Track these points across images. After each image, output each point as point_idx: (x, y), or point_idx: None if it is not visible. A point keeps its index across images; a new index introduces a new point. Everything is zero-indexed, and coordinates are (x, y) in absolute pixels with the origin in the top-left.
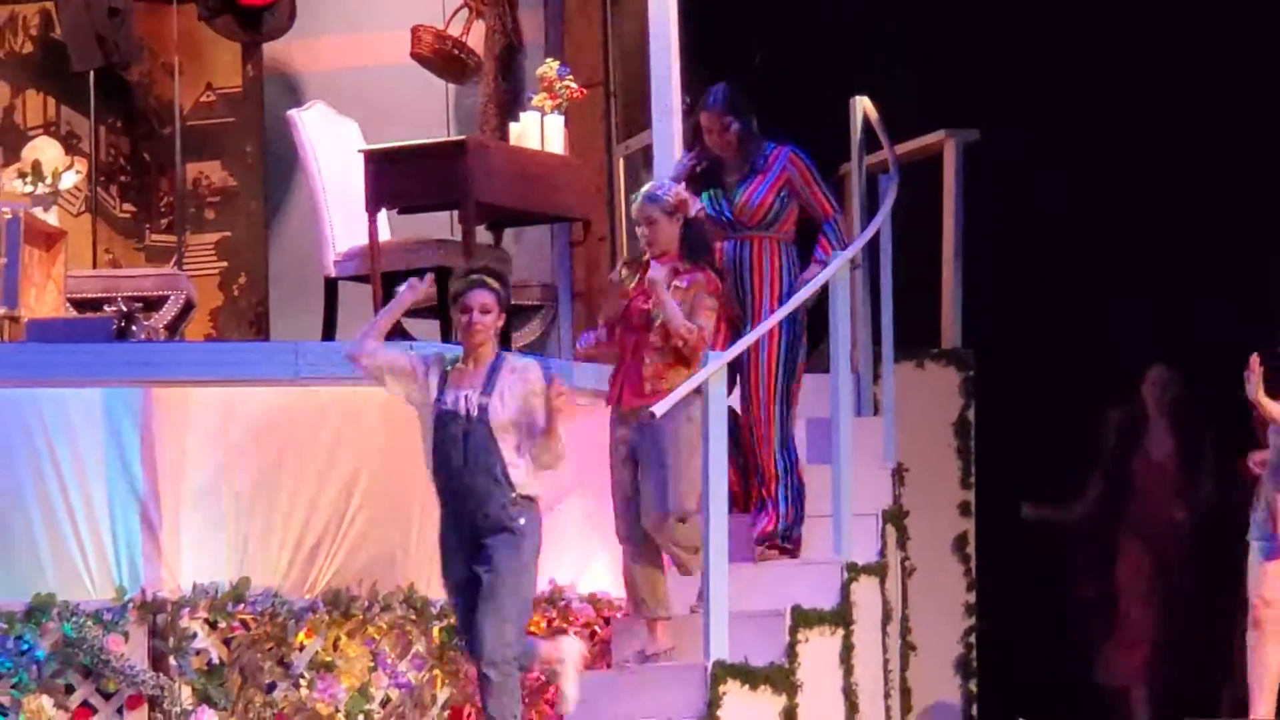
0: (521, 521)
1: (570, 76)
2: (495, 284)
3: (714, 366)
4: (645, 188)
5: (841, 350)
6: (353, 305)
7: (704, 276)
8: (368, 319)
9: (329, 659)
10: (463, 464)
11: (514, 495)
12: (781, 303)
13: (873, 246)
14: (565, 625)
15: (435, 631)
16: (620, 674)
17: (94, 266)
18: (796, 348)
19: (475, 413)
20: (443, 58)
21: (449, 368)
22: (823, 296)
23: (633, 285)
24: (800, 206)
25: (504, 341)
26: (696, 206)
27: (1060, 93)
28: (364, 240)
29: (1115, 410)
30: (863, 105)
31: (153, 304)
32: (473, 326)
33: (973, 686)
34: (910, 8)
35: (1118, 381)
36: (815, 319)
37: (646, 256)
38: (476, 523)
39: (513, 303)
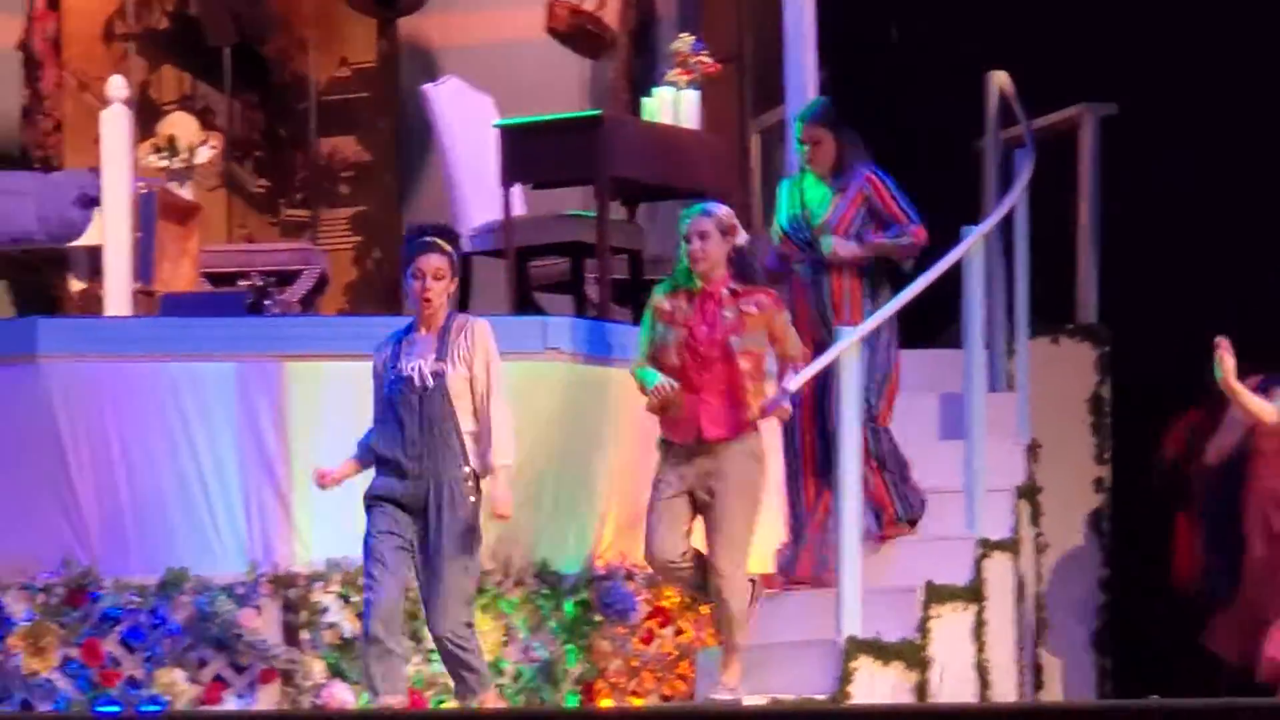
0: (472, 500)
1: (705, 51)
2: (448, 247)
3: (846, 342)
4: (700, 204)
5: (975, 326)
6: (486, 280)
7: (768, 298)
8: (501, 294)
9: None
10: (418, 433)
11: (468, 469)
12: (863, 321)
13: (1007, 222)
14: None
15: (567, 606)
16: (753, 650)
17: (228, 241)
18: (878, 365)
19: (430, 381)
20: (578, 32)
21: (402, 335)
22: (953, 274)
23: (690, 315)
24: (883, 227)
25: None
26: (745, 238)
27: (1197, 66)
28: (498, 215)
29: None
30: (998, 80)
31: (287, 278)
32: (426, 293)
33: (1107, 663)
34: None
35: (1252, 357)
36: (947, 295)
37: (697, 275)
38: (427, 495)
39: (645, 277)
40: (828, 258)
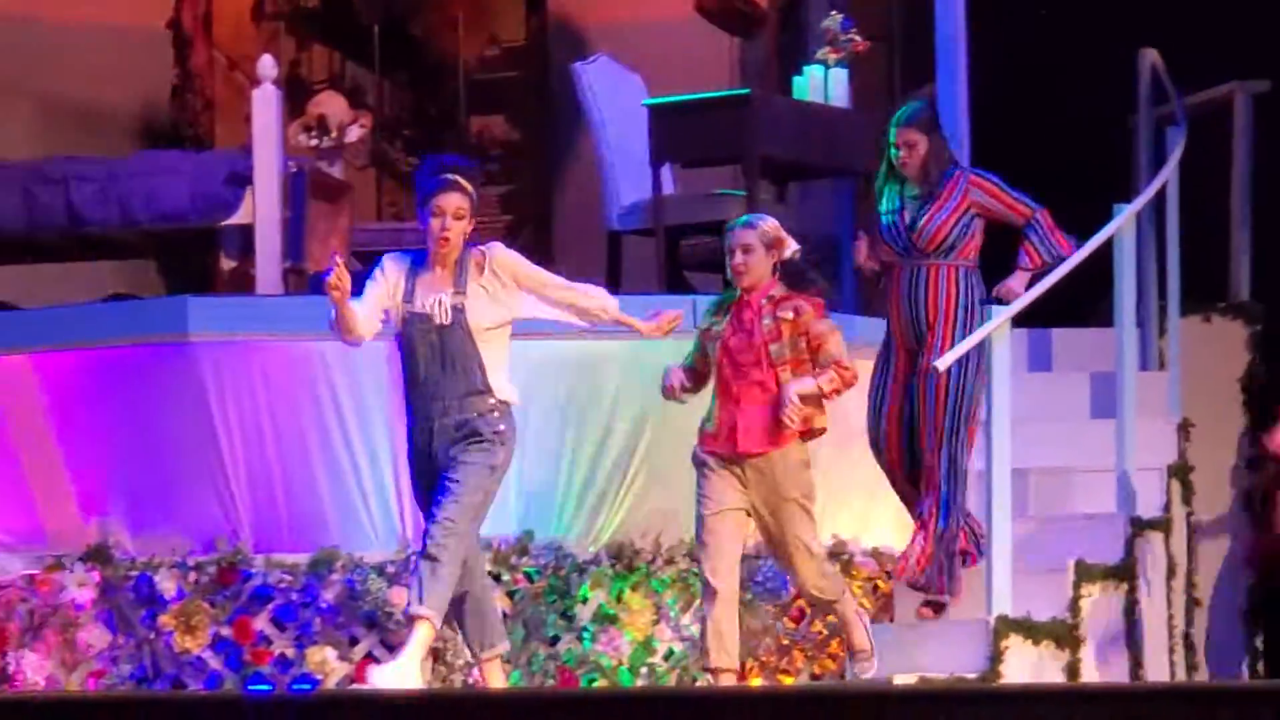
0: (501, 427)
1: (854, 30)
2: (469, 186)
3: (999, 320)
4: (744, 216)
5: (1127, 304)
6: (637, 258)
7: (808, 303)
8: (651, 272)
9: (612, 612)
10: (440, 370)
11: (494, 401)
12: (956, 331)
13: (1159, 199)
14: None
15: None
16: (903, 628)
17: (378, 220)
18: (969, 386)
19: (450, 316)
20: (727, 10)
21: (416, 271)
22: (1104, 252)
23: (723, 326)
24: (988, 226)
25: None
26: (793, 248)
27: None
28: (647, 194)
29: None
30: (1150, 57)
31: None
32: (445, 232)
33: (1258, 642)
34: None
35: None
36: (1099, 273)
37: (740, 289)
38: (451, 433)
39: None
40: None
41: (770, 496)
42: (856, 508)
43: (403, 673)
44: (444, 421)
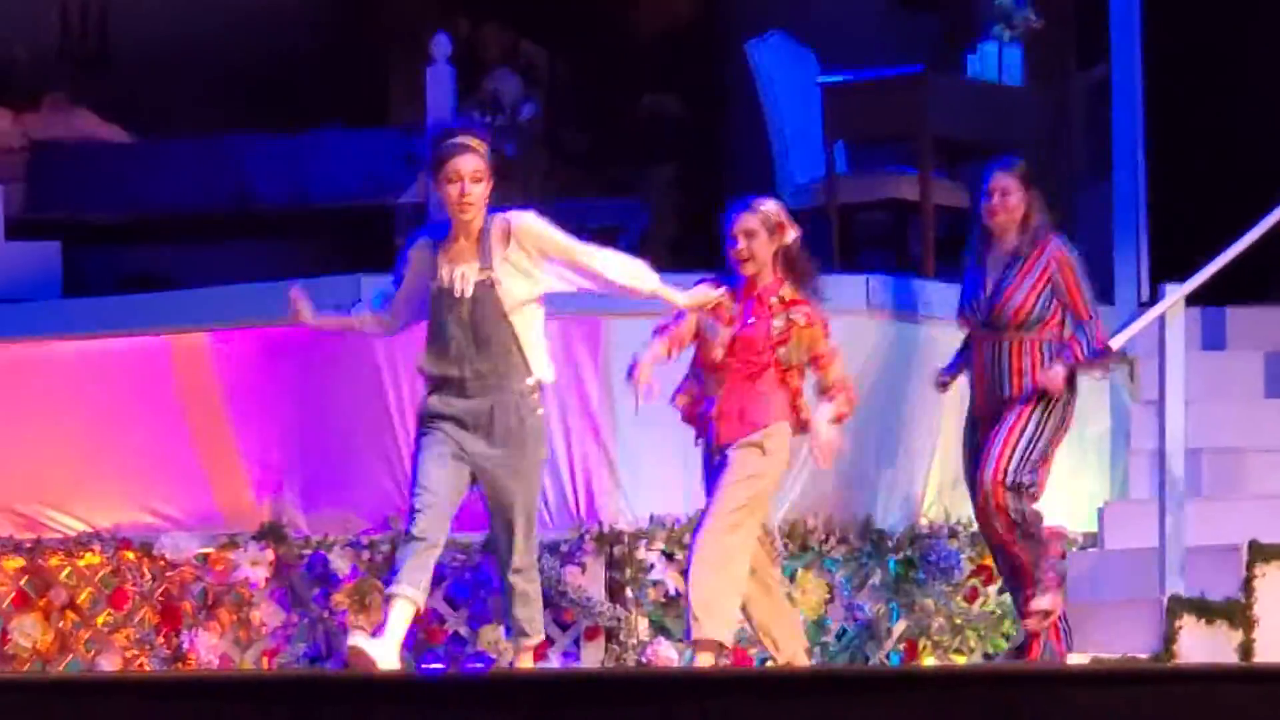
0: (539, 412)
1: (1028, 7)
2: (482, 147)
3: (1173, 298)
4: (744, 199)
5: None
6: (809, 237)
7: (818, 315)
8: (826, 250)
9: (786, 590)
10: (473, 348)
11: (532, 381)
12: (1036, 403)
13: None
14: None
15: (891, 564)
16: (1075, 608)
17: (550, 199)
18: (1040, 440)
19: (474, 290)
20: None
21: (439, 245)
22: None
23: (737, 314)
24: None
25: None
26: (796, 234)
27: None
28: (820, 172)
29: None
30: None
31: (609, 235)
32: (464, 198)
33: None
34: None
35: None
36: (1275, 249)
37: (744, 277)
38: (485, 420)
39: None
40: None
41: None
42: None
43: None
44: (478, 404)
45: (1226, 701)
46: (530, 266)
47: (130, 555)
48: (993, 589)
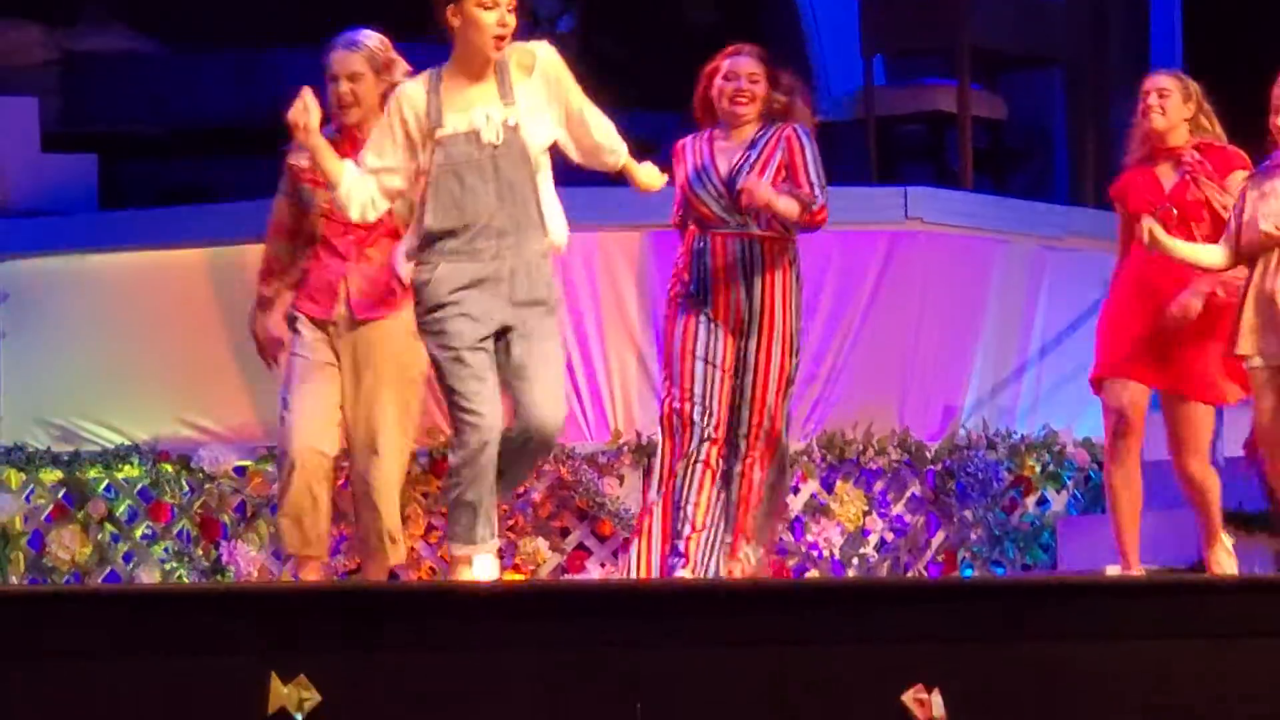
0: (556, 281)
1: None
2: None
3: None
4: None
5: None
6: (847, 149)
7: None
8: (864, 162)
9: (825, 502)
10: (497, 203)
11: (548, 241)
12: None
13: None
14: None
15: (930, 476)
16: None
17: None
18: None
19: (502, 134)
20: None
21: (440, 85)
22: None
23: None
24: None
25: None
26: (403, 68)
27: None
28: (858, 84)
29: None
30: None
31: (647, 148)
32: (502, 27)
33: None
34: None
35: None
36: None
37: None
38: (507, 288)
39: (1006, 145)
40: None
41: None
42: (1067, 400)
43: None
44: (496, 267)
45: (1263, 610)
46: (544, 106)
47: (168, 468)
48: (1031, 499)
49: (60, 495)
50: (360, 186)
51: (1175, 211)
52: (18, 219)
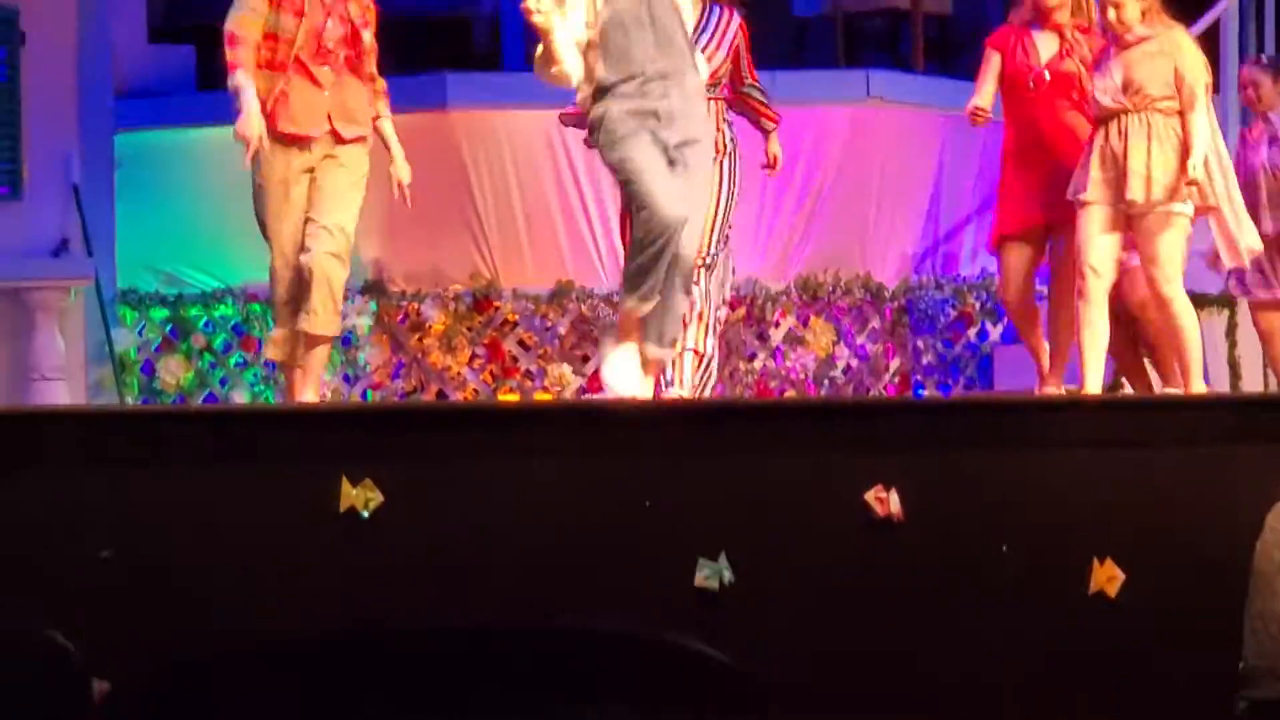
0: (709, 122)
1: None
2: None
3: None
4: None
5: (1229, 78)
6: (820, 39)
7: None
8: (832, 50)
9: (800, 334)
10: (655, 50)
11: (699, 82)
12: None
13: None
14: None
15: (888, 311)
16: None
17: None
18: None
19: None
20: None
21: None
22: None
23: None
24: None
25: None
26: None
27: None
28: None
29: None
30: None
31: None
32: None
33: None
34: None
35: None
36: None
37: None
38: (673, 116)
39: (952, 37)
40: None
41: None
42: None
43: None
44: (666, 105)
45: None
46: None
47: (256, 308)
48: (972, 331)
49: (167, 330)
50: (576, 59)
51: (1048, 78)
52: (130, 99)
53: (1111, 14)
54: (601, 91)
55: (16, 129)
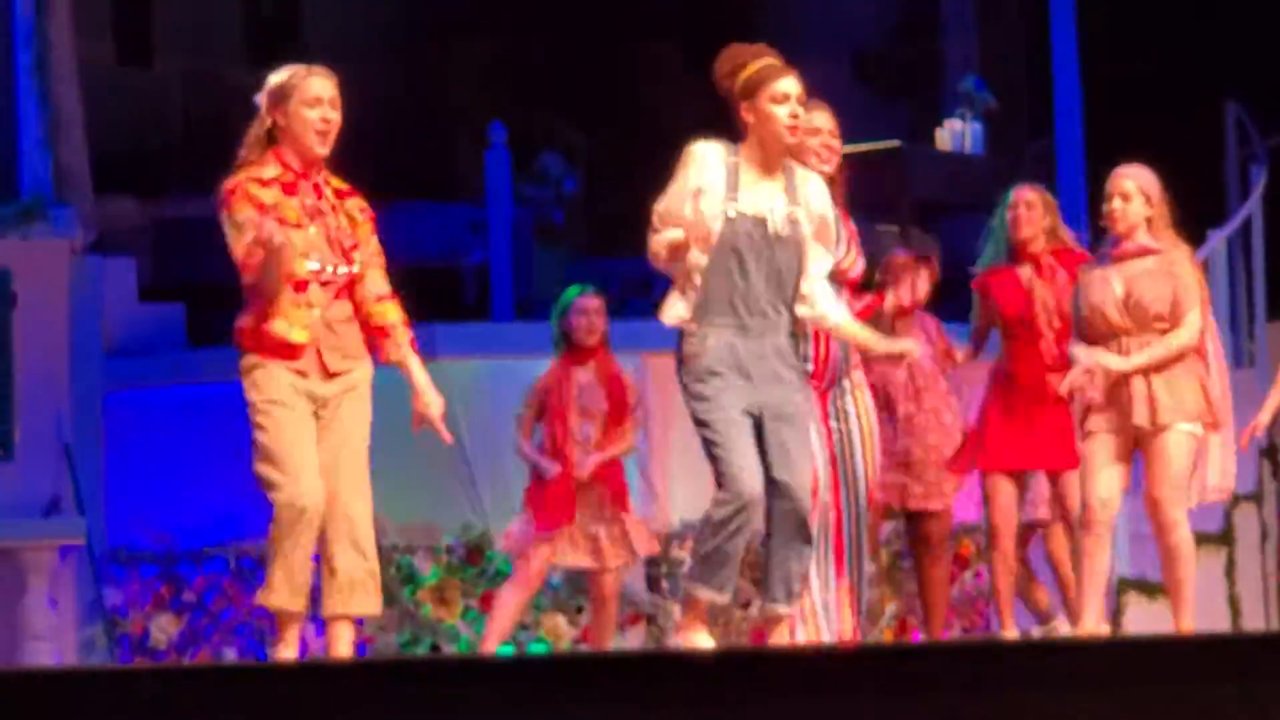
0: (807, 366)
1: (986, 90)
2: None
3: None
4: None
5: (1221, 311)
6: None
7: None
8: None
9: None
10: (764, 284)
11: (796, 330)
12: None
13: (1246, 225)
14: None
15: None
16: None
17: (594, 256)
18: None
19: (784, 227)
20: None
21: (736, 162)
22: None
23: None
24: None
25: None
26: None
27: None
28: None
29: None
30: (1234, 110)
31: (642, 288)
32: (793, 119)
33: None
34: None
35: None
36: None
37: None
38: (770, 359)
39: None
40: None
41: None
42: None
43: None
44: (764, 343)
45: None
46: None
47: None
48: (968, 574)
49: (157, 587)
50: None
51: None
52: (119, 358)
53: (1118, 204)
54: (700, 310)
55: (9, 389)
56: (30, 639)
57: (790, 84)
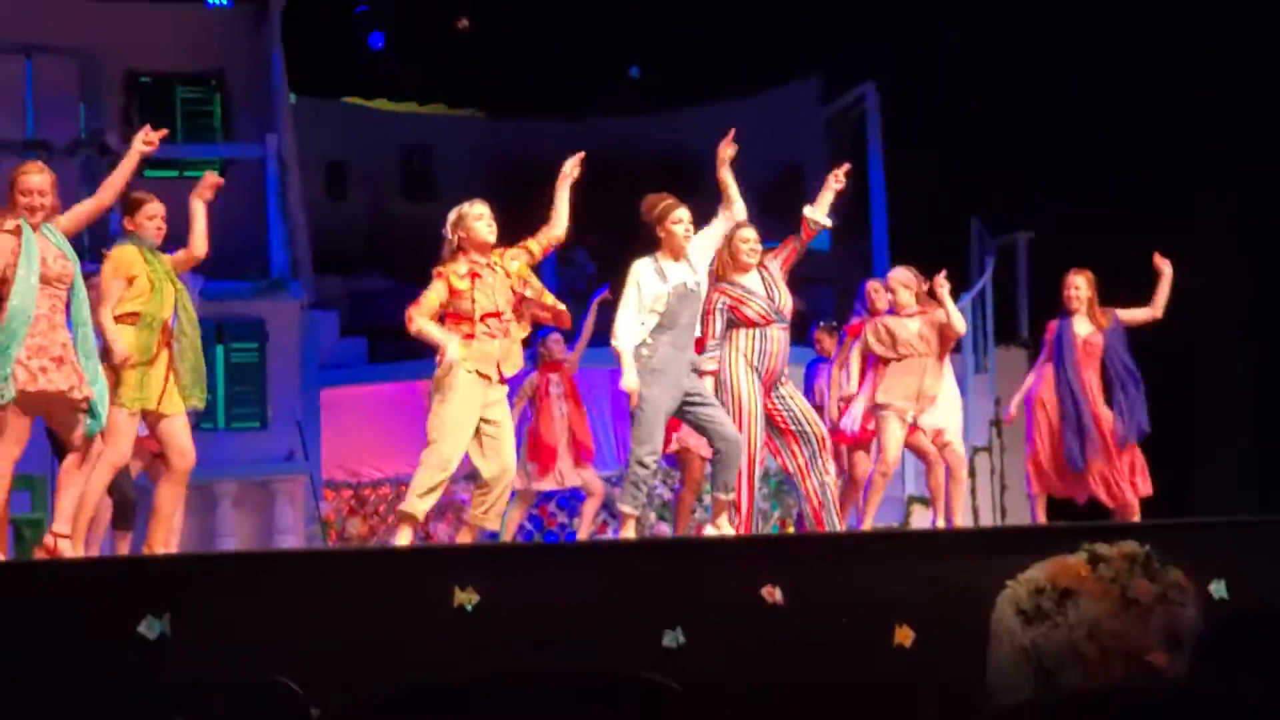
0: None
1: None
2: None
3: None
4: None
5: (966, 342)
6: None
7: None
8: None
9: None
10: (690, 319)
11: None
12: None
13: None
14: None
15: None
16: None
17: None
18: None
19: (698, 287)
20: None
21: (658, 262)
22: None
23: None
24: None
25: None
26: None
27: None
28: None
29: None
30: (976, 225)
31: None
32: (687, 230)
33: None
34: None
35: None
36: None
37: None
38: (688, 375)
39: None
40: None
41: None
42: None
43: None
44: (685, 360)
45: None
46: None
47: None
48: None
49: (350, 504)
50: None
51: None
52: (328, 369)
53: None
54: (658, 332)
55: (263, 389)
56: (278, 533)
57: (683, 213)
